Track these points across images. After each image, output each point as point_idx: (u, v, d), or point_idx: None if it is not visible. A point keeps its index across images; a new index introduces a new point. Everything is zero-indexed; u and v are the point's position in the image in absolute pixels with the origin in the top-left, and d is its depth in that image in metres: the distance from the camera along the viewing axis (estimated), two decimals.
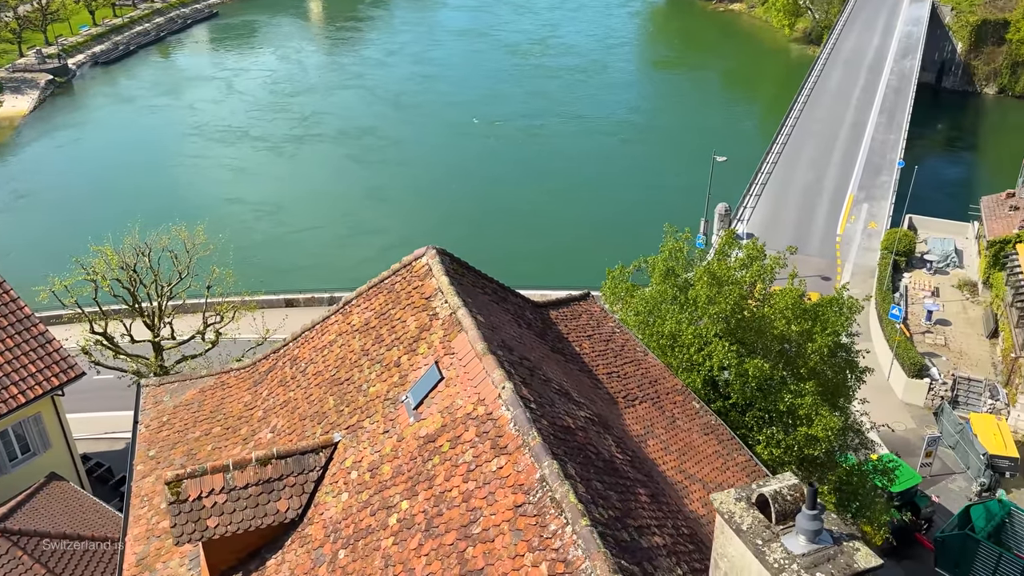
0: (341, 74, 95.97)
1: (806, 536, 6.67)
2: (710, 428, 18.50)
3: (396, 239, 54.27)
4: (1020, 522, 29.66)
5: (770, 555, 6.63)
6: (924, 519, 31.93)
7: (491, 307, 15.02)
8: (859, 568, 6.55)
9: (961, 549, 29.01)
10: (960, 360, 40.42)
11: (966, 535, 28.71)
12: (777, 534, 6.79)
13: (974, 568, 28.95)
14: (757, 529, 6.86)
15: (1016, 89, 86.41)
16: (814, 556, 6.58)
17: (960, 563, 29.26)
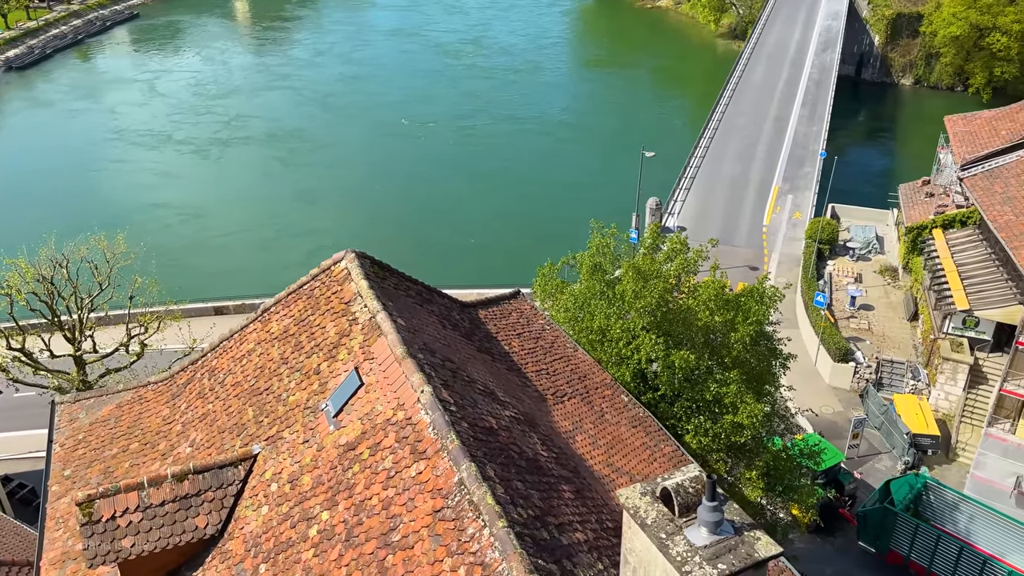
0: (268, 75, 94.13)
1: (707, 528, 6.77)
2: (638, 420, 18.72)
3: (327, 241, 53.46)
4: (936, 494, 30.94)
5: (673, 548, 6.71)
6: (848, 496, 33.08)
7: (414, 309, 14.90)
8: (759, 557, 6.67)
9: (881, 522, 30.18)
10: (883, 343, 41.86)
11: (885, 508, 29.85)
12: (680, 527, 6.88)
13: (894, 539, 30.12)
14: (661, 523, 6.94)
15: (931, 80, 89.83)
16: (716, 547, 6.69)
17: (881, 535, 30.43)
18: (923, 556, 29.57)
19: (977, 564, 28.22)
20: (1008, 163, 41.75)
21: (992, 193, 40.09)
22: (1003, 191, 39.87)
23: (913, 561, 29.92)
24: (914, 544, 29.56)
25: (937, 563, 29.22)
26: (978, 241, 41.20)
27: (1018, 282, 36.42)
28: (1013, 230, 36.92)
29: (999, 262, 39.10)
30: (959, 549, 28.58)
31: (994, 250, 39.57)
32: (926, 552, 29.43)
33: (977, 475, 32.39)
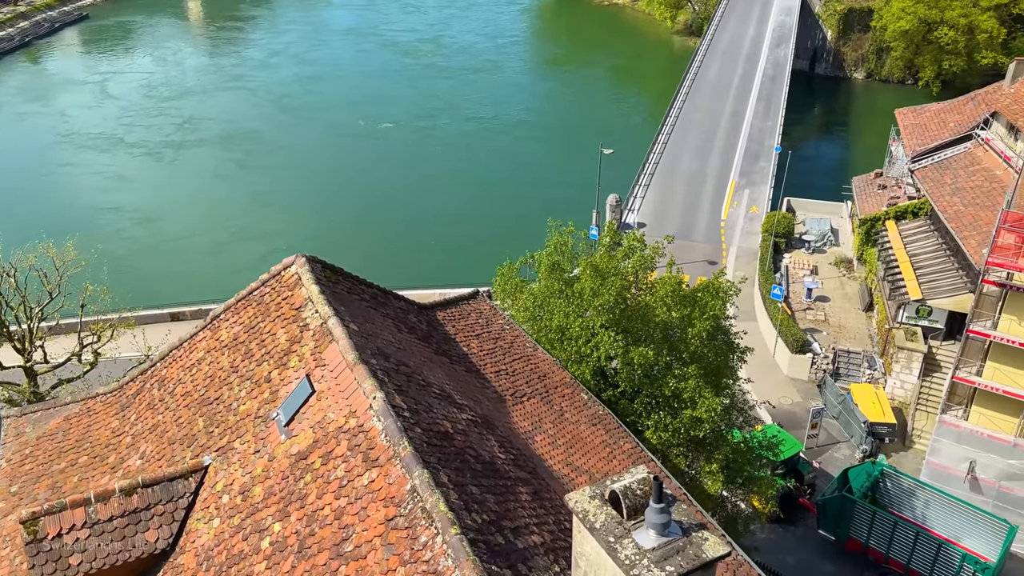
0: (221, 76, 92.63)
1: (655, 530, 6.75)
2: (598, 418, 18.76)
3: (284, 244, 52.88)
4: (892, 481, 31.61)
5: (621, 552, 6.68)
6: (807, 485, 33.61)
7: (368, 313, 14.72)
8: (707, 558, 6.67)
9: (840, 510, 30.74)
10: (839, 334, 42.56)
11: (843, 496, 30.41)
12: (629, 530, 6.85)
13: (852, 526, 30.69)
14: (610, 526, 6.90)
15: (882, 73, 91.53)
16: (664, 549, 6.67)
17: (839, 523, 31.00)
18: (881, 542, 30.14)
19: (933, 548, 28.85)
20: (956, 154, 42.78)
21: (942, 184, 41.01)
22: (952, 182, 40.80)
23: (871, 547, 30.49)
24: (872, 531, 30.11)
25: (895, 549, 29.81)
26: (929, 231, 42.11)
27: (968, 271, 37.27)
28: (962, 220, 37.80)
29: (950, 252, 40.01)
30: (916, 534, 29.20)
31: (945, 240, 40.48)
32: (884, 538, 30.00)
33: (932, 461, 33.09)
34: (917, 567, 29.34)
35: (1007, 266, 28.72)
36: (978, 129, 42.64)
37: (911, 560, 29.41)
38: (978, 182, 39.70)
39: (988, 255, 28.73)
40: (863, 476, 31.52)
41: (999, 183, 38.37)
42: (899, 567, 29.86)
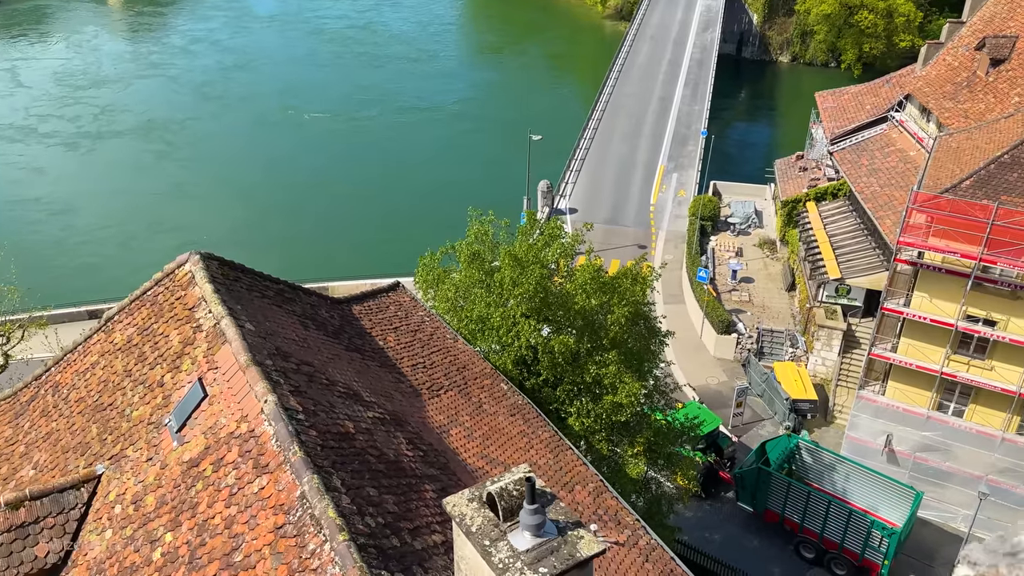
0: (141, 63, 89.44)
1: (530, 531, 6.67)
2: (517, 409, 18.70)
3: (204, 237, 51.52)
4: (807, 453, 32.68)
5: (496, 555, 6.57)
6: (727, 458, 34.54)
7: (269, 311, 14.30)
8: (582, 557, 6.62)
9: (756, 482, 31.69)
10: (763, 313, 43.52)
11: (759, 468, 31.32)
12: (505, 532, 6.74)
13: (768, 498, 31.64)
14: (486, 529, 6.79)
15: (806, 56, 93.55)
16: (538, 551, 6.59)
17: (756, 495, 31.91)
18: (795, 512, 31.20)
19: (844, 516, 29.91)
20: (873, 136, 43.98)
21: (859, 166, 42.13)
22: (869, 163, 41.94)
23: (787, 518, 31.54)
24: (787, 501, 31.15)
25: (808, 518, 30.84)
26: (848, 212, 43.28)
27: (885, 250, 38.41)
28: (878, 200, 38.90)
29: (867, 232, 41.19)
30: (827, 503, 30.25)
31: (862, 220, 41.65)
32: (798, 508, 31.03)
33: (851, 436, 34.14)
34: (829, 535, 30.46)
35: (918, 245, 29.64)
36: (893, 111, 43.91)
37: (824, 529, 30.47)
38: (893, 163, 40.91)
39: (899, 235, 29.59)
40: (780, 449, 32.51)
41: (913, 164, 39.58)
42: (813, 536, 30.95)
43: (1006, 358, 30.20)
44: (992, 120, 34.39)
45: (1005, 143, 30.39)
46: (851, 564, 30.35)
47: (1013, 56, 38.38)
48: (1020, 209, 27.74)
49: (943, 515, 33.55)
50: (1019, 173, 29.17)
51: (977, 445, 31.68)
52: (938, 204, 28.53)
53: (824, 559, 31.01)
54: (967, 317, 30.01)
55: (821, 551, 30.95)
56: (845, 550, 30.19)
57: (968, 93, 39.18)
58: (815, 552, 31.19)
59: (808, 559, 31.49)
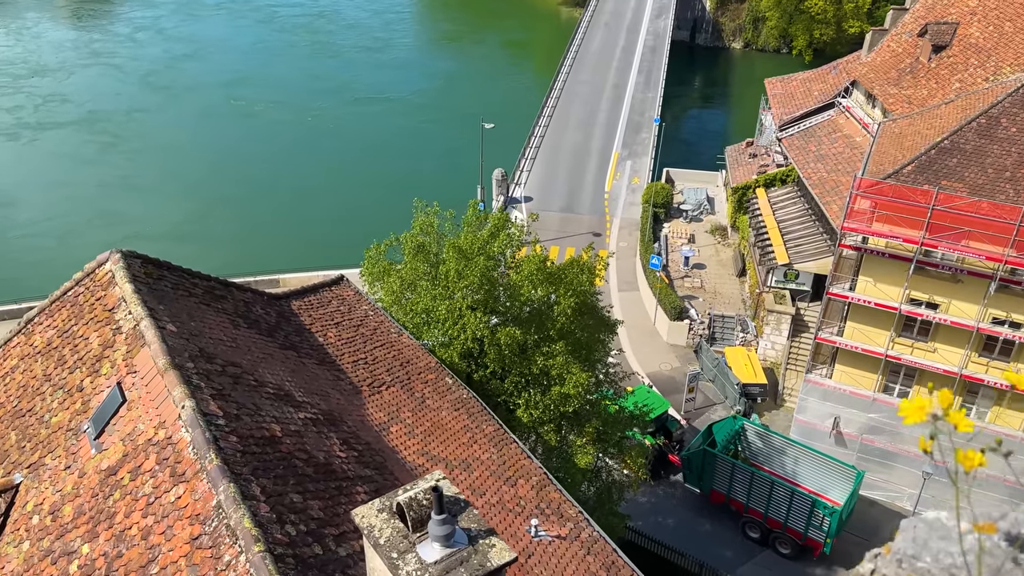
0: (85, 52, 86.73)
1: (439, 542, 6.48)
2: (461, 403, 18.52)
3: (150, 230, 50.62)
4: (751, 434, 33.30)
5: (403, 568, 6.38)
6: (676, 441, 34.93)
7: (196, 310, 13.87)
8: (492, 566, 6.46)
9: (702, 463, 32.17)
10: (715, 299, 43.89)
11: (704, 450, 31.76)
12: (413, 543, 6.55)
13: (714, 479, 32.16)
14: (395, 541, 6.58)
15: (759, 43, 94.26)
16: (447, 561, 6.41)
17: (703, 476, 32.42)
18: (740, 493, 31.74)
19: (787, 496, 30.49)
20: (820, 122, 44.46)
21: (806, 152, 42.58)
22: (816, 149, 42.41)
23: (733, 499, 32.10)
24: (731, 483, 31.69)
25: (753, 498, 31.40)
26: (796, 198, 43.77)
27: (832, 235, 38.89)
28: (825, 186, 39.37)
29: (815, 217, 41.70)
30: (770, 484, 30.83)
31: (810, 206, 42.14)
32: (742, 489, 31.58)
33: (800, 418, 34.65)
34: (773, 515, 31.04)
35: (861, 231, 30.05)
36: (840, 97, 44.42)
37: (768, 508, 31.03)
38: (839, 149, 41.41)
39: (843, 220, 29.97)
40: (726, 431, 33.07)
41: (859, 149, 40.08)
42: (758, 515, 31.51)
43: (948, 340, 30.85)
44: (933, 106, 34.95)
45: (945, 129, 30.90)
46: (795, 543, 30.99)
47: (954, 42, 39.04)
48: (959, 194, 28.26)
49: (890, 494, 34.24)
50: (959, 158, 29.71)
51: (921, 426, 32.29)
52: (880, 190, 28.93)
53: (769, 538, 31.62)
54: (910, 300, 30.56)
55: (766, 531, 31.55)
56: (789, 529, 30.85)
57: (911, 79, 39.79)
58: (760, 532, 31.78)
59: (754, 539, 32.06)
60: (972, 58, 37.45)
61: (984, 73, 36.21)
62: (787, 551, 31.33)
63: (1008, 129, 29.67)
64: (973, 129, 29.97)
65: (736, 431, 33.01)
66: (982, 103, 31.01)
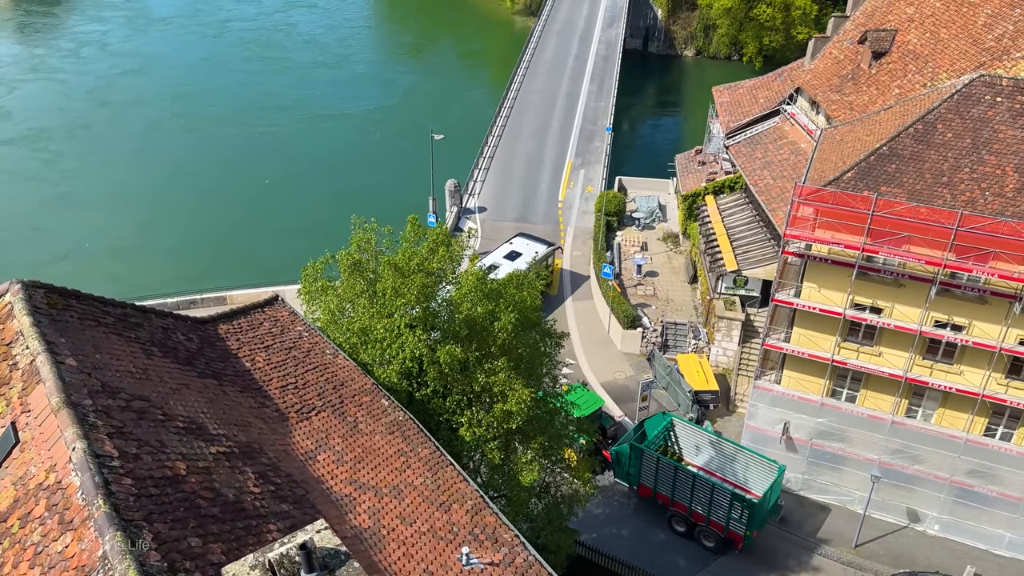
0: (27, 67, 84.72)
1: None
2: (396, 426, 18.07)
3: (92, 249, 49.39)
4: (681, 430, 34.28)
5: None
6: (609, 437, 35.58)
7: (104, 341, 13.29)
8: None
9: (629, 458, 32.79)
10: (668, 307, 43.97)
11: (631, 445, 32.12)
12: None
13: (642, 474, 32.64)
14: None
15: (710, 50, 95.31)
16: None
17: (630, 470, 32.94)
18: (665, 487, 32.42)
19: (708, 489, 31.28)
20: (766, 130, 44.89)
21: (753, 159, 42.92)
22: (762, 156, 42.78)
23: (659, 493, 32.76)
24: (657, 477, 32.29)
25: (677, 493, 32.15)
26: (744, 204, 44.08)
27: (779, 241, 39.18)
28: (771, 193, 39.68)
29: (763, 223, 42.02)
30: (692, 478, 31.64)
31: (758, 212, 42.46)
32: (667, 483, 32.24)
33: (751, 425, 34.74)
34: (696, 508, 31.78)
35: (804, 238, 30.24)
36: (784, 104, 44.90)
37: (691, 502, 31.80)
38: (785, 155, 41.82)
39: (786, 227, 30.13)
40: (657, 427, 33.85)
41: (804, 156, 40.47)
42: (683, 509, 32.23)
43: (893, 344, 31.16)
44: (874, 112, 35.42)
45: (884, 135, 31.28)
46: (718, 536, 31.78)
47: (893, 49, 39.68)
48: (898, 200, 28.58)
49: (841, 498, 34.50)
50: (897, 164, 30.07)
51: (869, 429, 32.63)
52: (821, 197, 29.13)
53: (694, 532, 32.39)
54: (854, 306, 30.82)
55: (691, 524, 32.34)
56: (712, 522, 31.64)
57: (853, 86, 40.34)
58: (685, 525, 32.56)
59: (680, 532, 32.80)
60: (910, 64, 38.08)
61: (922, 79, 36.82)
62: (711, 544, 32.11)
63: (944, 135, 30.12)
64: (911, 135, 30.37)
65: (666, 427, 33.91)
66: (919, 109, 31.46)
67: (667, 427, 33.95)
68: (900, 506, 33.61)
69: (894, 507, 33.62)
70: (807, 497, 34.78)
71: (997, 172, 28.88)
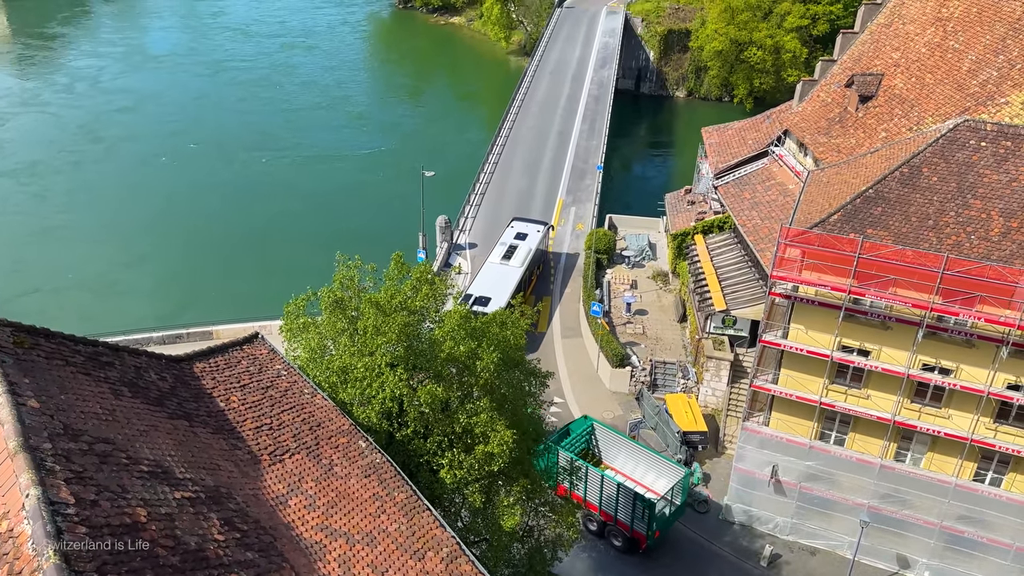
0: (21, 100, 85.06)
1: None
2: (373, 468, 17.71)
3: (79, 282, 49.15)
4: (600, 433, 36.06)
5: None
6: None
7: (71, 381, 13.00)
8: None
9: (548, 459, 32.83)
10: (657, 345, 43.78)
11: (547, 444, 31.96)
12: None
13: (559, 474, 32.81)
14: None
15: (701, 92, 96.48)
16: None
17: (550, 471, 32.77)
18: (579, 487, 33.42)
19: (614, 490, 32.64)
20: (754, 171, 45.17)
21: (741, 199, 43.11)
22: (751, 197, 42.98)
23: (574, 492, 33.41)
24: (571, 477, 32.60)
25: (589, 492, 33.42)
26: (733, 244, 44.16)
27: (767, 282, 39.18)
28: (759, 233, 39.79)
29: (751, 263, 42.06)
30: (600, 478, 32.97)
31: (746, 252, 42.53)
32: (580, 483, 33.32)
33: (739, 467, 34.37)
34: (606, 508, 33.37)
35: (791, 279, 30.21)
36: (773, 146, 45.26)
37: (601, 502, 33.15)
38: (773, 196, 42.02)
39: (772, 269, 30.11)
40: (580, 429, 35.50)
41: (792, 197, 40.64)
42: (594, 508, 33.73)
43: (881, 387, 30.99)
44: (860, 155, 35.67)
45: (870, 178, 31.44)
46: (625, 536, 33.07)
47: (879, 93, 40.14)
48: (884, 243, 28.62)
49: (830, 543, 34.04)
50: (883, 207, 30.17)
51: (858, 473, 32.30)
52: (808, 239, 29.16)
53: (604, 531, 33.69)
54: (842, 348, 30.70)
55: (602, 524, 33.66)
56: (619, 522, 32.95)
57: (840, 128, 40.71)
58: (597, 525, 33.87)
59: (592, 532, 34.02)
60: (896, 108, 38.49)
61: (908, 123, 37.18)
62: (619, 544, 33.55)
63: (930, 178, 30.28)
64: (896, 178, 30.53)
65: (587, 429, 35.49)
66: (905, 153, 31.67)
67: (588, 430, 35.66)
68: (890, 552, 33.15)
69: (884, 553, 33.16)
70: (796, 542, 34.30)
71: (982, 216, 28.98)
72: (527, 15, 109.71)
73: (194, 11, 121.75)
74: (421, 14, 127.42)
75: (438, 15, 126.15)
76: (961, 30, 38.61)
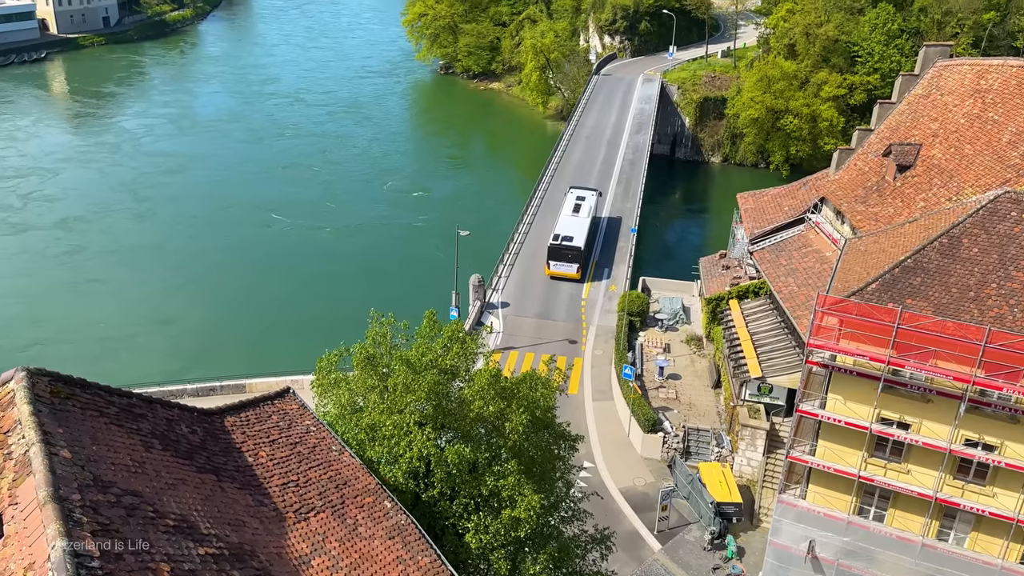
0: (68, 157, 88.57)
1: None
2: (397, 530, 17.52)
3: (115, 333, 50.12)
4: None
5: None
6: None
7: (104, 432, 13.13)
8: None
9: None
10: (690, 411, 43.04)
11: None
12: None
13: None
14: None
15: (736, 158, 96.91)
16: None
17: None
18: None
19: None
20: (791, 237, 44.91)
21: (777, 265, 42.78)
22: (787, 263, 42.63)
23: None
24: None
25: None
26: (769, 311, 43.65)
27: (804, 349, 38.52)
28: (796, 300, 39.32)
29: (788, 330, 41.46)
30: None
31: (783, 319, 41.97)
32: None
33: (775, 541, 33.23)
34: None
35: (828, 348, 29.65)
36: (809, 213, 45.07)
37: None
38: (810, 263, 41.64)
39: (809, 337, 29.64)
40: None
41: (829, 264, 40.26)
42: None
43: (922, 461, 29.98)
44: (899, 224, 35.33)
45: (909, 247, 31.05)
46: None
47: (918, 162, 39.94)
48: (924, 313, 28.07)
49: None
50: (922, 277, 29.70)
51: (898, 551, 31.05)
52: (846, 307, 28.73)
53: None
54: (881, 419, 29.88)
55: None
56: None
57: (878, 197, 40.46)
58: None
59: None
60: (935, 178, 38.21)
61: (947, 193, 36.84)
62: None
63: (970, 249, 29.81)
64: (936, 248, 30.11)
65: None
66: (944, 223, 31.29)
67: None
68: None
69: None
70: None
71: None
72: (565, 82, 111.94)
73: (245, 78, 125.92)
74: (462, 80, 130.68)
75: (478, 81, 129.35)
76: (1000, 102, 38.48)
